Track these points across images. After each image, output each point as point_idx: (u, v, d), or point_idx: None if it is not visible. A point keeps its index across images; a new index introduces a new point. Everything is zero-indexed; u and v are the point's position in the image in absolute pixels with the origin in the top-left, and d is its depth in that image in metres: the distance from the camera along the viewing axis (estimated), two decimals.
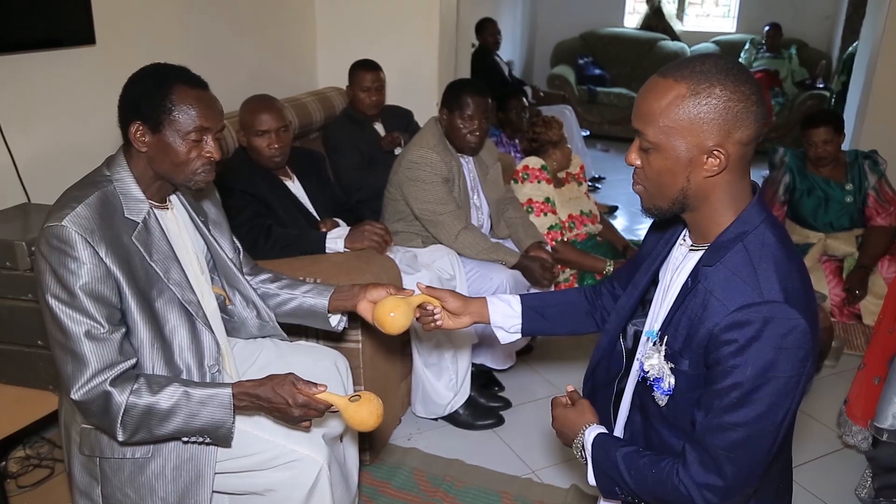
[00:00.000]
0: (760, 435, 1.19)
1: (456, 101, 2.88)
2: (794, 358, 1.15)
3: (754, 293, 1.16)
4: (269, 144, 2.54)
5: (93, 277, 1.48)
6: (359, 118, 3.36)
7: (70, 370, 1.50)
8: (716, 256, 1.23)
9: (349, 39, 3.95)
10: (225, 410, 1.57)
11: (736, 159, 1.21)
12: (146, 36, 2.77)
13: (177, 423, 1.55)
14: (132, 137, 1.57)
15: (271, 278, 2.01)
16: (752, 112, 1.18)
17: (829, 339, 3.09)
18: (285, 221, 2.58)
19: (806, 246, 3.77)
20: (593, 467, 1.40)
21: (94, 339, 1.49)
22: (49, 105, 2.42)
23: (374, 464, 2.54)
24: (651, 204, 1.30)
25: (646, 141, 1.23)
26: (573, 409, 1.50)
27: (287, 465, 1.71)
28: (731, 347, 1.16)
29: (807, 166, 3.77)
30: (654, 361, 1.32)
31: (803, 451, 2.66)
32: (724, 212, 1.25)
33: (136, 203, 1.60)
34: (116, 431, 1.52)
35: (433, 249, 2.89)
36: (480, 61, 5.74)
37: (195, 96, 1.58)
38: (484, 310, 1.71)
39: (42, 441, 2.41)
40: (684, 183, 1.23)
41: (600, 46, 8.19)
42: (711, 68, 1.18)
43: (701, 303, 1.23)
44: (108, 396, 1.50)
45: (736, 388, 1.17)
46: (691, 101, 1.17)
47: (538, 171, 3.68)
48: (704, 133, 1.18)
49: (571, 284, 3.75)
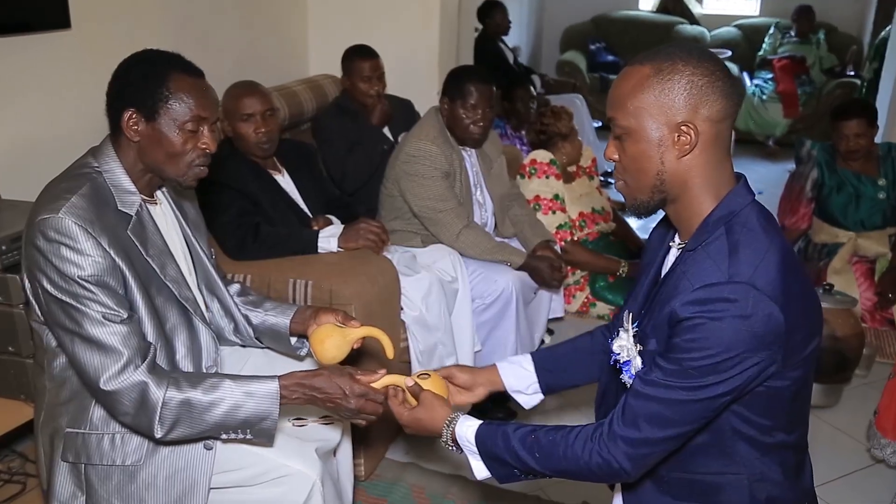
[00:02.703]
0: (683, 407, 1.24)
1: (458, 90, 2.88)
2: (751, 342, 1.19)
3: (722, 273, 1.21)
4: (256, 129, 2.55)
5: (98, 269, 1.50)
6: (352, 108, 3.36)
7: (98, 361, 1.50)
8: (697, 241, 1.29)
9: (343, 23, 3.95)
10: (272, 401, 1.57)
11: (709, 138, 1.27)
12: (125, 20, 2.78)
13: (219, 414, 1.55)
14: (124, 125, 1.58)
15: (239, 291, 2.02)
16: (717, 87, 1.25)
17: (859, 346, 3.10)
18: (274, 219, 2.58)
19: (835, 246, 3.77)
20: (483, 459, 1.45)
21: (115, 324, 1.50)
22: (21, 94, 2.43)
23: (369, 480, 2.54)
24: (633, 199, 1.36)
25: (618, 126, 1.31)
26: (420, 408, 1.54)
27: (278, 480, 1.72)
28: (689, 322, 1.21)
29: (836, 160, 3.77)
30: (622, 342, 1.39)
31: (831, 467, 2.66)
32: (704, 199, 1.31)
33: (127, 195, 1.61)
34: (154, 427, 1.52)
35: (433, 249, 2.90)
36: (484, 47, 5.75)
37: (192, 84, 1.61)
38: (496, 376, 1.72)
39: (13, 455, 2.41)
40: (659, 166, 1.29)
41: (613, 31, 8.19)
42: (675, 49, 1.29)
43: (673, 284, 1.29)
44: (145, 388, 1.50)
45: (682, 361, 1.23)
46: (655, 80, 1.26)
47: (546, 166, 3.68)
48: (672, 110, 1.26)
49: (582, 288, 3.76)
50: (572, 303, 3.77)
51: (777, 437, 1.33)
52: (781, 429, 1.33)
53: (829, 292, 3.08)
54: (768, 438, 1.33)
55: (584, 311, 3.78)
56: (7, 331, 2.00)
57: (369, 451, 2.52)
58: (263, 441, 1.63)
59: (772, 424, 1.32)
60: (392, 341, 1.78)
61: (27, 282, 1.57)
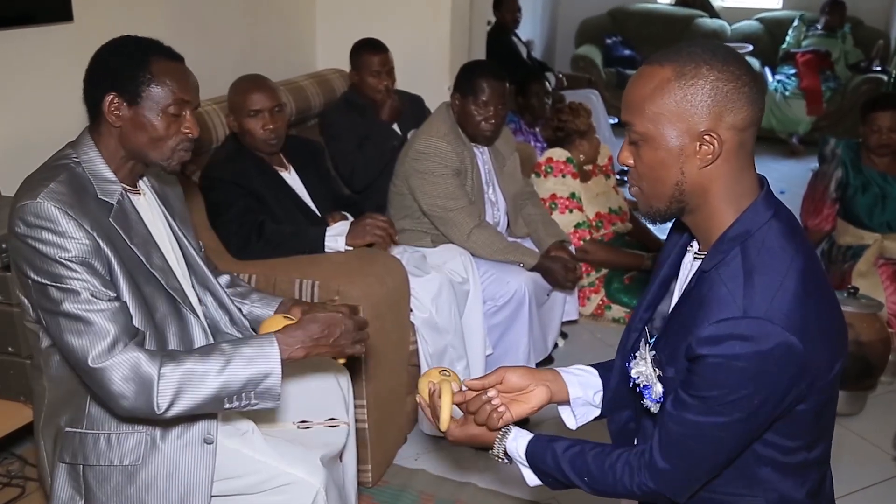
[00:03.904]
0: (720, 442, 1.25)
1: (470, 86, 2.88)
2: (775, 379, 1.18)
3: (736, 307, 1.18)
4: (264, 125, 2.55)
5: (82, 251, 1.51)
6: (360, 103, 3.36)
7: (85, 340, 1.49)
8: (713, 261, 1.26)
9: (352, 15, 3.95)
10: (273, 356, 1.59)
11: (732, 147, 1.23)
12: (127, 12, 2.79)
13: (220, 380, 1.54)
14: (105, 111, 1.60)
15: (228, 282, 2.04)
16: (743, 93, 1.21)
17: (885, 352, 3.08)
18: (280, 217, 2.58)
19: (860, 248, 3.75)
20: (534, 472, 1.44)
21: (101, 301, 1.50)
22: (22, 87, 2.44)
23: (376, 486, 2.54)
24: (648, 206, 1.32)
25: (634, 132, 1.27)
26: (472, 424, 1.49)
27: (280, 488, 1.72)
28: (707, 362, 1.19)
29: (861, 159, 3.75)
30: (641, 368, 1.36)
31: (855, 478, 2.64)
32: (725, 210, 1.27)
33: (107, 184, 1.63)
34: (154, 403, 1.50)
35: (444, 249, 2.90)
36: (497, 40, 5.74)
37: (174, 68, 1.64)
38: (558, 383, 1.55)
39: (12, 458, 2.43)
40: (679, 176, 1.25)
41: (630, 24, 8.17)
42: (698, 49, 1.23)
43: (691, 310, 1.26)
44: (138, 363, 1.50)
45: (708, 398, 1.21)
46: (677, 84, 1.21)
47: (563, 164, 3.68)
48: (694, 117, 1.21)
49: (597, 290, 3.76)
50: (587, 305, 3.76)
51: (799, 456, 1.32)
52: (804, 448, 1.32)
53: (853, 296, 3.06)
54: (790, 459, 1.32)
55: (598, 314, 3.77)
56: (7, 331, 2.01)
57: (377, 456, 2.52)
58: (270, 404, 1.62)
59: (795, 445, 1.31)
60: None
61: (17, 277, 1.58)
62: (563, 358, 3.39)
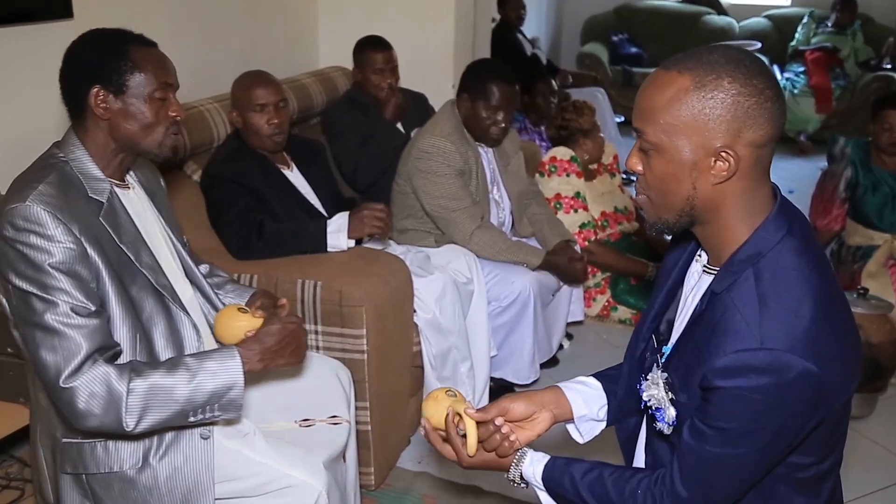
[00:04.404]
0: (740, 471, 1.23)
1: (481, 88, 2.89)
2: (795, 410, 1.16)
3: (752, 338, 1.15)
4: (269, 120, 2.57)
5: (69, 257, 1.51)
6: (364, 101, 3.37)
7: (56, 358, 1.49)
8: (724, 282, 1.22)
9: (355, 12, 3.95)
10: (235, 369, 1.61)
11: (749, 164, 1.18)
12: (127, 9, 2.79)
13: (186, 393, 1.56)
14: (92, 104, 1.62)
15: (208, 272, 2.06)
16: (765, 109, 1.16)
17: (895, 354, 3.07)
18: (282, 216, 2.58)
19: (870, 249, 3.74)
20: (549, 495, 1.42)
21: (81, 317, 1.51)
22: (22, 85, 2.44)
23: (379, 489, 2.54)
24: (656, 217, 1.28)
25: (645, 141, 1.22)
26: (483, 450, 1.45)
27: (282, 490, 1.73)
28: (724, 394, 1.16)
29: (871, 158, 3.74)
30: (653, 392, 1.33)
31: (865, 482, 2.63)
32: (738, 227, 1.23)
33: (96, 182, 1.63)
34: (123, 419, 1.51)
35: (448, 249, 2.90)
36: (502, 38, 5.74)
37: (153, 54, 1.68)
38: (561, 403, 1.53)
39: (11, 460, 2.43)
40: (690, 191, 1.21)
41: (637, 21, 8.16)
42: (720, 58, 1.17)
43: (704, 336, 1.23)
44: (107, 379, 1.50)
45: (727, 430, 1.19)
46: (696, 95, 1.16)
47: (567, 164, 3.68)
48: (711, 132, 1.16)
49: (603, 291, 3.76)
50: (593, 306, 3.76)
51: (812, 470, 1.31)
52: (817, 462, 1.30)
53: (863, 297, 3.05)
54: (805, 474, 1.30)
55: (604, 315, 3.76)
56: (6, 331, 2.01)
57: (379, 458, 2.52)
58: (233, 415, 1.65)
59: (809, 462, 1.29)
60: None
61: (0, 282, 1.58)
62: (568, 359, 3.38)
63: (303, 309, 2.38)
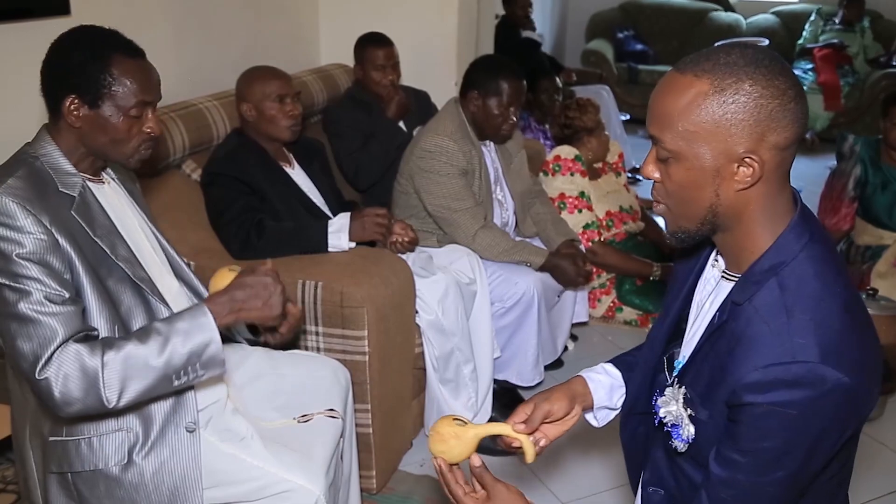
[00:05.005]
0: (779, 495, 1.19)
1: (492, 85, 2.88)
2: (830, 424, 1.13)
3: (783, 351, 1.12)
4: (289, 111, 2.60)
5: (40, 247, 1.50)
6: (365, 99, 3.36)
7: (32, 346, 1.47)
8: (746, 293, 1.19)
9: (356, 9, 3.94)
10: (207, 323, 1.58)
11: (772, 168, 1.15)
12: (125, 6, 2.78)
13: (163, 358, 1.53)
14: (65, 112, 1.61)
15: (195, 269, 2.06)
16: (789, 110, 1.12)
17: None
18: (283, 214, 2.58)
19: (879, 248, 3.73)
20: None
21: (56, 304, 1.50)
22: (20, 82, 2.44)
23: (381, 493, 2.54)
24: (676, 226, 1.25)
25: (663, 149, 1.18)
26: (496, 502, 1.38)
27: (279, 495, 1.72)
28: (755, 410, 1.13)
29: (881, 156, 3.73)
30: (671, 408, 1.30)
31: (873, 485, 2.62)
32: (760, 234, 1.21)
33: (67, 177, 1.63)
34: (103, 395, 1.49)
35: (450, 249, 2.89)
36: (505, 35, 5.73)
37: (136, 67, 1.64)
38: (584, 394, 1.53)
39: (7, 463, 2.43)
40: (713, 198, 1.18)
41: (643, 18, 8.15)
42: (739, 59, 1.13)
43: (726, 348, 1.20)
44: (79, 357, 1.48)
45: (759, 451, 1.16)
46: (716, 100, 1.12)
47: (571, 163, 3.67)
48: (733, 137, 1.13)
49: (608, 291, 3.75)
50: (597, 307, 3.75)
51: (834, 480, 1.29)
52: (839, 471, 1.29)
53: (872, 297, 3.04)
54: (826, 484, 1.29)
55: (609, 316, 3.76)
56: None
57: (381, 462, 2.52)
58: (216, 371, 1.62)
59: (833, 472, 1.27)
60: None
61: None
62: (572, 361, 3.37)
63: (303, 310, 2.38)
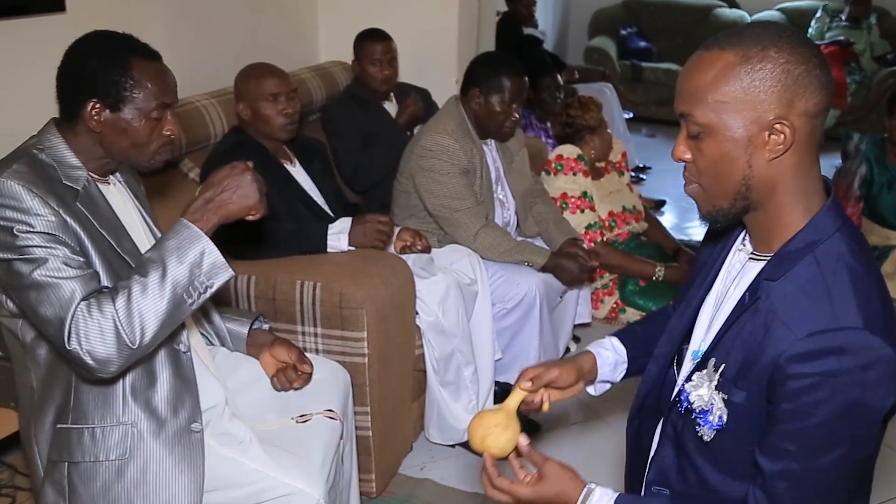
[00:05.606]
0: (836, 481, 1.18)
1: (496, 83, 2.88)
2: (878, 394, 1.12)
3: (828, 318, 1.12)
4: (283, 110, 2.60)
5: (50, 227, 1.51)
6: (364, 96, 3.36)
7: (55, 310, 1.47)
8: (781, 269, 1.20)
9: (356, 6, 3.94)
10: (193, 233, 1.56)
11: (803, 136, 1.17)
12: (121, 3, 2.78)
13: (167, 283, 1.52)
14: (86, 116, 1.61)
15: None
16: (815, 76, 1.15)
17: None
18: (283, 214, 2.57)
19: (886, 248, 3.73)
20: None
21: (72, 268, 1.50)
22: (14, 79, 2.44)
23: (380, 496, 2.53)
24: (710, 205, 1.26)
25: (694, 124, 1.20)
26: (547, 483, 1.40)
27: (278, 499, 1.72)
28: (801, 382, 1.12)
29: (887, 155, 3.73)
30: (702, 392, 1.28)
31: (883, 487, 2.61)
32: (793, 209, 1.22)
33: (72, 170, 1.63)
34: (125, 339, 1.48)
35: (451, 249, 2.89)
36: (507, 31, 5.72)
37: (155, 70, 1.66)
38: (594, 365, 1.58)
39: (2, 466, 2.43)
40: (746, 170, 1.19)
41: (646, 15, 8.15)
42: (762, 32, 1.17)
43: (762, 324, 1.20)
44: (91, 314, 1.47)
45: (809, 431, 1.14)
46: (743, 69, 1.16)
47: (573, 162, 3.66)
48: (763, 104, 1.16)
49: (611, 292, 3.74)
50: (600, 308, 3.74)
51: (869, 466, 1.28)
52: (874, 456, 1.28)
53: None
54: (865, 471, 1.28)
55: (612, 317, 3.75)
56: None
57: (381, 465, 2.51)
58: (224, 276, 1.59)
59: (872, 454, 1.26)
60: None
61: None
62: None
63: (302, 311, 2.38)
